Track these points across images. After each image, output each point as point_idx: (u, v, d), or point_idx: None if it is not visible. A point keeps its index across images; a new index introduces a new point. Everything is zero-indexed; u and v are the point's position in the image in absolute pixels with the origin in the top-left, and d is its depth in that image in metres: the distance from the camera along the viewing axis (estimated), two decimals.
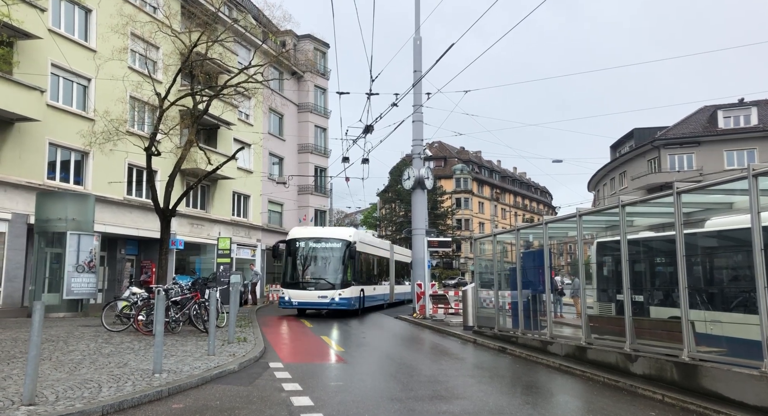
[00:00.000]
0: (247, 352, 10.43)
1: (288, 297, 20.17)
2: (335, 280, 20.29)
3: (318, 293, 19.97)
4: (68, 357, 9.31)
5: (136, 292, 14.21)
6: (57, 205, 18.02)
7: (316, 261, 20.81)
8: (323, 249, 20.78)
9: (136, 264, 26.50)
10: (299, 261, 20.89)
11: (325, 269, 20.59)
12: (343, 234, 21.49)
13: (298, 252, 20.85)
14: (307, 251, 20.82)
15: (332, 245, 20.81)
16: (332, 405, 7.01)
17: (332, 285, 20.07)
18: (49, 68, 20.30)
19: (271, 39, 28.26)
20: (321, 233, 21.72)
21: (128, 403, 6.50)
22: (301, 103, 39.91)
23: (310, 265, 20.80)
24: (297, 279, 20.54)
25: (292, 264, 20.85)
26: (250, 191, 33.22)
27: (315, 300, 20.01)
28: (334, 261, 20.65)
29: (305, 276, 20.56)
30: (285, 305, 20.28)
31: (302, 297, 20.04)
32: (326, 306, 20.05)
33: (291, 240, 21.20)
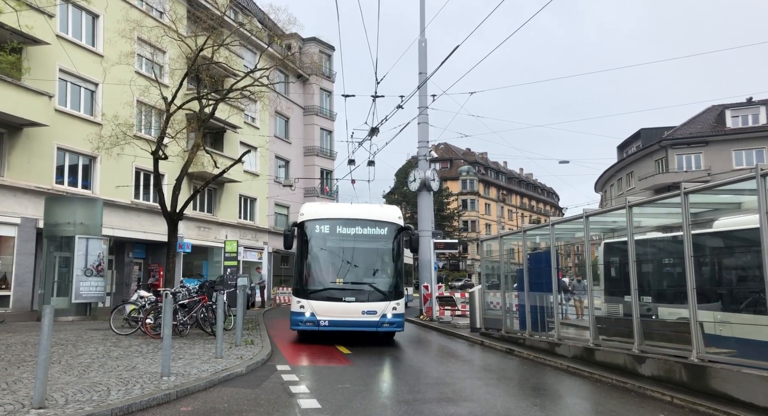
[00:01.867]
0: (254, 355, 10.45)
1: (310, 312, 12.71)
2: (387, 286, 13.22)
3: (362, 307, 12.80)
4: (77, 361, 9.36)
5: (144, 296, 14.28)
6: (65, 210, 18.15)
7: (355, 255, 13.37)
8: (365, 238, 13.56)
9: (143, 267, 26.63)
10: (325, 255, 13.41)
11: (371, 268, 13.56)
12: (390, 215, 14.08)
13: (322, 241, 13.44)
14: (340, 239, 13.46)
15: (378, 231, 13.68)
16: (339, 407, 7.02)
17: (383, 295, 13.02)
18: (57, 73, 20.46)
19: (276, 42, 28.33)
20: (358, 212, 14.03)
21: (137, 406, 6.53)
22: (306, 106, 40.01)
23: (347, 262, 13.34)
24: (324, 284, 13.06)
25: (313, 260, 13.32)
26: (257, 194, 33.32)
27: (357, 318, 12.77)
28: (383, 257, 13.67)
29: (338, 280, 13.15)
30: (305, 325, 12.79)
31: (336, 312, 12.69)
32: (374, 327, 12.88)
33: (309, 221, 13.56)
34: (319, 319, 12.68)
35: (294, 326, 13.09)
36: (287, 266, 38.80)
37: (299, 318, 12.86)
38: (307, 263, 13.28)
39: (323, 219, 13.63)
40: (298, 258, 13.52)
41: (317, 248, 13.35)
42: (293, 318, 13.04)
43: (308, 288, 13.06)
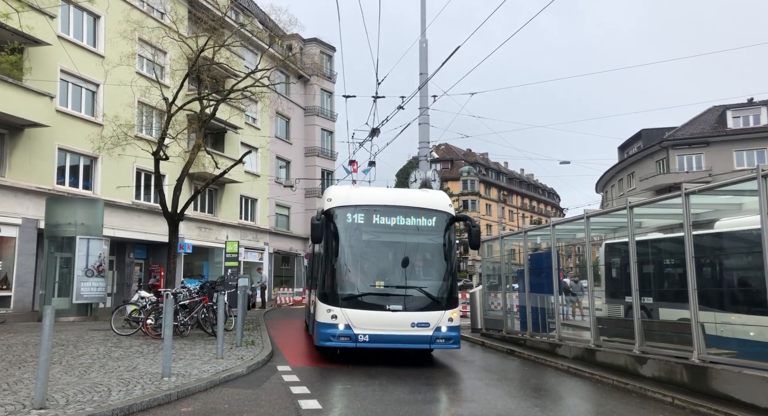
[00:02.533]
0: (255, 355, 10.45)
1: (345, 324, 10.03)
2: (441, 291, 10.55)
3: (412, 317, 10.16)
4: (78, 361, 9.36)
5: (144, 296, 14.28)
6: (66, 210, 18.16)
7: (400, 252, 10.65)
8: (410, 230, 10.75)
9: (144, 268, 26.64)
10: (363, 251, 10.72)
11: (419, 269, 10.90)
12: (439, 202, 11.27)
13: (357, 234, 10.66)
14: (379, 231, 10.70)
15: (426, 221, 10.85)
16: (340, 408, 7.02)
17: (436, 302, 10.38)
18: (59, 74, 20.48)
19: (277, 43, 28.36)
20: (399, 198, 11.30)
21: (137, 407, 6.53)
22: (307, 107, 40.02)
23: (390, 261, 10.74)
24: (363, 288, 10.33)
25: (347, 258, 10.53)
26: (258, 195, 33.33)
27: (406, 332, 10.11)
28: (433, 254, 10.91)
29: (379, 283, 10.43)
30: (338, 341, 10.09)
31: (379, 325, 10.05)
32: (425, 343, 10.28)
33: (340, 209, 10.75)
34: (357, 333, 9.88)
35: (322, 341, 10.08)
36: (288, 266, 38.81)
37: (330, 331, 9.93)
38: (340, 261, 10.35)
39: (357, 206, 10.69)
40: (325, 255, 10.54)
41: (352, 242, 10.53)
42: (321, 331, 10.04)
43: (342, 292, 10.20)
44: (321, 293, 10.48)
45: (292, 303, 30.21)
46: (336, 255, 10.36)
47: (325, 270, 10.53)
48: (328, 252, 10.48)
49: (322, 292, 10.49)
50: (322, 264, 10.69)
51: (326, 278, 10.49)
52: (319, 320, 10.25)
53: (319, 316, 10.29)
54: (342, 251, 10.45)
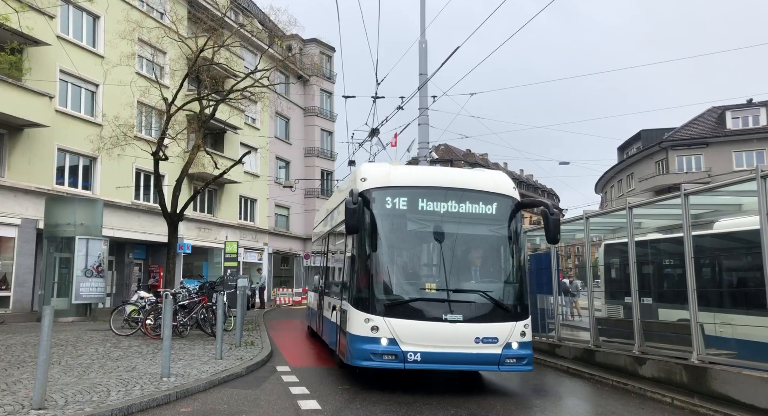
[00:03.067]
0: (254, 356, 10.44)
1: (389, 339, 7.89)
2: (510, 297, 8.60)
3: (476, 330, 8.03)
4: (77, 362, 9.35)
5: (144, 296, 14.27)
6: (66, 210, 18.15)
7: (457, 246, 8.58)
8: (468, 218, 8.62)
9: (143, 268, 26.62)
10: (410, 244, 8.83)
11: (481, 268, 8.92)
12: (501, 184, 9.04)
13: (401, 222, 8.61)
14: (429, 220, 8.54)
15: (486, 208, 8.68)
16: (339, 408, 7.01)
17: (506, 311, 8.33)
18: (58, 74, 20.47)
19: (277, 43, 28.38)
20: (451, 178, 9.00)
21: (137, 407, 6.52)
22: (307, 107, 40.02)
23: (444, 257, 8.46)
24: (411, 292, 8.28)
25: (389, 253, 8.44)
26: (257, 195, 33.32)
27: (468, 350, 7.96)
28: (497, 249, 8.85)
29: (430, 287, 8.34)
30: (380, 360, 7.90)
31: (434, 339, 7.88)
32: (494, 364, 8.08)
33: (378, 191, 8.55)
34: (406, 351, 7.67)
35: (359, 360, 7.85)
36: (287, 267, 38.80)
37: (369, 347, 7.73)
38: (381, 257, 8.17)
39: (401, 187, 8.43)
40: (360, 249, 8.34)
41: (395, 233, 8.42)
42: (357, 346, 7.84)
43: (386, 297, 8.01)
44: (356, 298, 8.20)
45: (291, 303, 30.20)
46: (375, 249, 8.13)
47: (361, 268, 8.21)
48: (364, 246, 8.21)
49: (357, 297, 8.19)
50: (356, 261, 8.36)
51: (362, 279, 8.19)
52: (354, 332, 7.93)
53: (354, 327, 7.96)
54: (383, 244, 8.20)
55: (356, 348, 7.93)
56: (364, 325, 7.86)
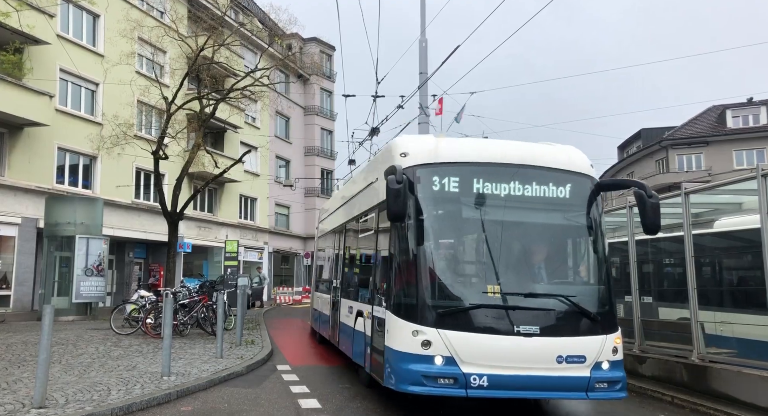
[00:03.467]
0: (254, 355, 10.45)
1: (445, 357, 6.03)
2: (595, 303, 6.67)
3: (556, 347, 6.18)
4: (78, 361, 9.36)
5: (144, 295, 14.28)
6: (66, 209, 18.15)
7: (524, 238, 6.93)
8: (536, 203, 6.76)
9: (144, 267, 26.63)
10: (468, 236, 6.94)
11: (558, 266, 7.14)
12: (576, 160, 7.14)
13: (455, 208, 6.74)
14: (490, 205, 6.63)
15: (561, 191, 6.81)
16: (340, 407, 7.01)
17: (592, 321, 6.41)
18: (58, 73, 20.46)
19: (277, 42, 28.32)
20: (517, 153, 6.96)
21: (137, 406, 6.53)
22: (307, 106, 40.01)
23: (510, 252, 6.76)
24: (471, 297, 6.36)
25: (440, 247, 6.66)
26: (257, 194, 33.32)
27: (548, 373, 6.11)
28: (576, 243, 7.12)
29: (493, 290, 6.32)
30: (434, 385, 6.03)
31: (503, 359, 6.07)
32: (581, 391, 6.23)
33: (425, 169, 6.64)
34: (468, 373, 5.97)
35: (406, 384, 6.12)
36: (287, 266, 38.81)
37: (420, 367, 6.01)
38: (431, 252, 6.43)
39: (453, 164, 6.65)
40: (401, 243, 6.57)
41: (449, 222, 6.76)
42: (402, 366, 6.11)
43: (439, 303, 6.25)
44: (398, 304, 6.40)
45: (291, 302, 30.21)
46: (423, 242, 6.34)
47: (405, 267, 6.46)
48: (408, 239, 6.44)
49: (400, 303, 6.39)
50: (397, 257, 6.58)
51: (407, 280, 6.42)
52: (397, 347, 6.18)
53: (397, 340, 6.22)
54: (434, 236, 6.49)
55: (402, 369, 6.05)
56: (412, 339, 6.03)
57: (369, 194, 8.19)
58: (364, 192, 8.64)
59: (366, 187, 8.53)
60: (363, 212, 8.63)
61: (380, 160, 7.63)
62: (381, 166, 7.22)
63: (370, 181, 8.11)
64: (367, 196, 8.42)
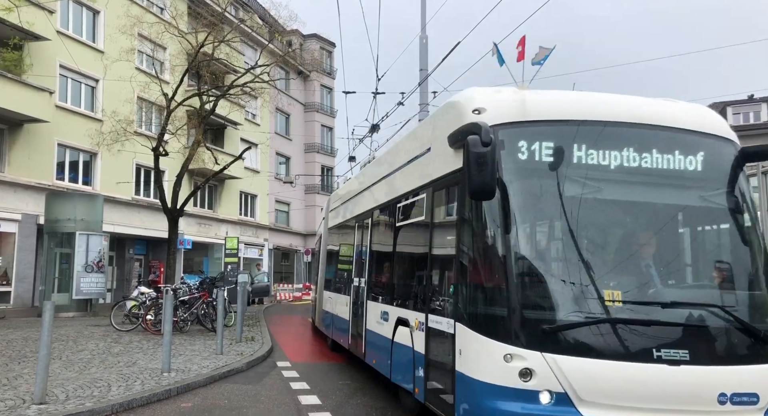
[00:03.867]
0: (254, 351, 10.46)
1: (559, 391, 4.13)
2: (762, 314, 4.62)
3: (714, 378, 4.20)
4: (78, 357, 9.37)
5: (144, 292, 14.30)
6: (66, 206, 18.16)
7: (660, 225, 4.80)
8: (672, 178, 4.74)
9: (144, 264, 26.64)
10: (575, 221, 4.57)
11: (705, 262, 5.00)
12: (711, 120, 5.15)
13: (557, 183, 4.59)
14: (605, 180, 4.66)
15: (699, 159, 4.77)
16: (340, 403, 7.03)
17: (761, 341, 4.40)
18: (58, 69, 20.44)
19: (277, 39, 28.29)
20: (630, 110, 4.92)
21: (137, 402, 6.54)
22: (307, 103, 39.97)
23: (638, 245, 4.68)
24: (589, 308, 4.32)
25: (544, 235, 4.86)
26: (257, 191, 33.31)
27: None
28: (726, 230, 4.88)
29: (611, 297, 4.32)
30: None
31: (642, 396, 4.11)
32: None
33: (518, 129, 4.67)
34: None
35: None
36: (287, 263, 38.83)
37: (515, 407, 4.22)
38: (523, 243, 4.68)
39: (551, 123, 4.83)
40: (477, 229, 4.78)
41: (550, 202, 4.76)
42: (487, 404, 4.35)
43: (541, 316, 4.45)
44: (475, 314, 4.66)
45: (291, 299, 30.25)
46: (511, 229, 4.52)
47: (488, 263, 4.64)
48: (490, 226, 4.65)
49: (477, 312, 4.65)
50: (472, 249, 4.78)
51: (488, 281, 4.61)
52: (479, 376, 4.44)
53: (478, 367, 4.49)
54: (529, 221, 4.82)
55: (488, 408, 4.30)
56: (504, 366, 4.24)
57: (416, 169, 6.25)
58: (408, 168, 6.63)
59: (410, 160, 6.53)
60: (405, 194, 6.62)
61: (437, 123, 5.70)
62: (440, 131, 5.39)
63: (419, 153, 6.21)
64: (412, 172, 6.41)
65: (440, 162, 5.42)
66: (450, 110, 5.44)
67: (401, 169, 6.98)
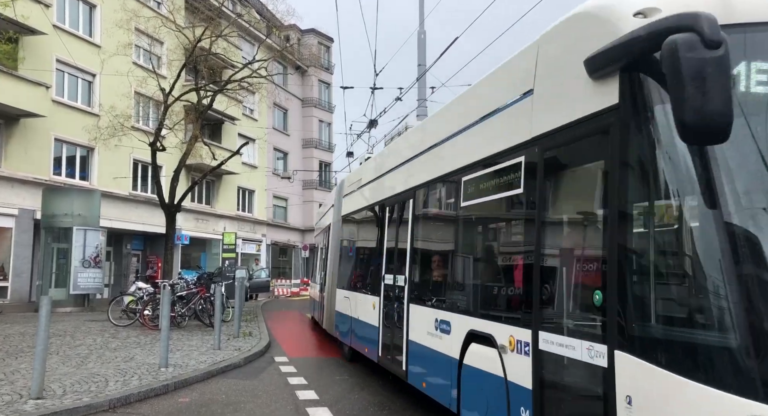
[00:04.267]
0: (252, 347, 10.46)
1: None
2: None
3: None
4: (75, 352, 9.37)
5: (141, 287, 14.29)
6: (63, 201, 18.13)
7: None
8: None
9: (141, 259, 26.61)
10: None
11: None
12: None
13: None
14: None
15: None
16: (337, 398, 7.03)
17: None
18: (54, 64, 20.33)
19: (275, 33, 28.18)
20: None
21: (135, 397, 6.54)
22: (305, 98, 39.87)
23: None
24: None
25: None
26: (255, 186, 33.26)
27: None
28: None
29: None
30: None
31: None
32: None
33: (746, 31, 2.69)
34: None
35: None
36: (285, 258, 38.82)
37: None
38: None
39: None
40: (668, 204, 2.83)
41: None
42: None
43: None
44: (668, 343, 2.74)
45: (289, 294, 30.28)
46: (739, 204, 2.59)
47: (693, 257, 2.68)
48: (700, 192, 2.62)
49: (670, 339, 2.74)
50: (658, 235, 2.91)
51: (697, 291, 2.65)
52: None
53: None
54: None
55: None
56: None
57: (503, 125, 4.52)
58: (484, 126, 4.87)
59: (488, 115, 4.77)
60: (480, 161, 4.81)
61: (548, 51, 3.96)
62: (556, 61, 3.83)
63: (507, 101, 4.43)
64: (493, 130, 4.71)
65: (558, 106, 3.67)
66: (580, 23, 3.56)
67: (469, 130, 5.17)
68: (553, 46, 3.92)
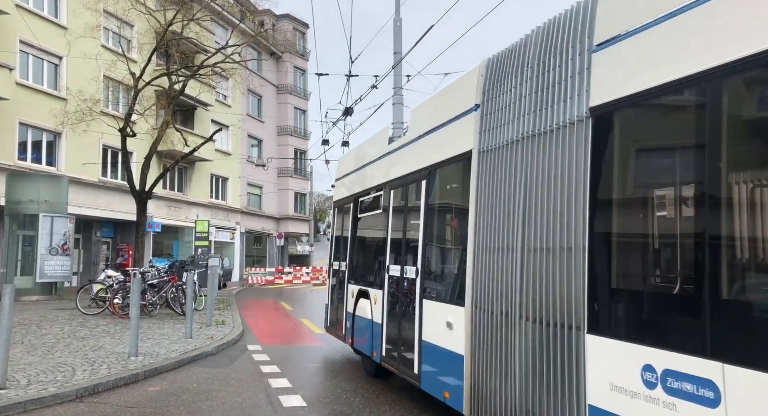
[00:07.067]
0: (225, 335, 10.38)
1: None
2: None
3: None
4: (41, 341, 9.16)
5: (111, 275, 14.04)
6: (29, 187, 17.63)
7: None
8: None
9: (112, 247, 26.11)
10: None
11: None
12: None
13: None
14: None
15: None
16: (310, 386, 7.03)
17: None
18: (18, 45, 19.64)
19: (249, 18, 27.70)
20: None
21: (103, 386, 6.43)
22: (280, 84, 39.38)
23: None
24: None
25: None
26: (229, 173, 32.84)
27: None
28: None
29: None
30: None
31: None
32: None
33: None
34: None
35: None
36: (260, 246, 38.52)
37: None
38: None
39: None
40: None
41: None
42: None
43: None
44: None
45: (264, 283, 30.14)
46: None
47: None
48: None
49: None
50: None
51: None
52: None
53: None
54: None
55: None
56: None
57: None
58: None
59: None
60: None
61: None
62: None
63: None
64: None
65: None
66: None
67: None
68: None
